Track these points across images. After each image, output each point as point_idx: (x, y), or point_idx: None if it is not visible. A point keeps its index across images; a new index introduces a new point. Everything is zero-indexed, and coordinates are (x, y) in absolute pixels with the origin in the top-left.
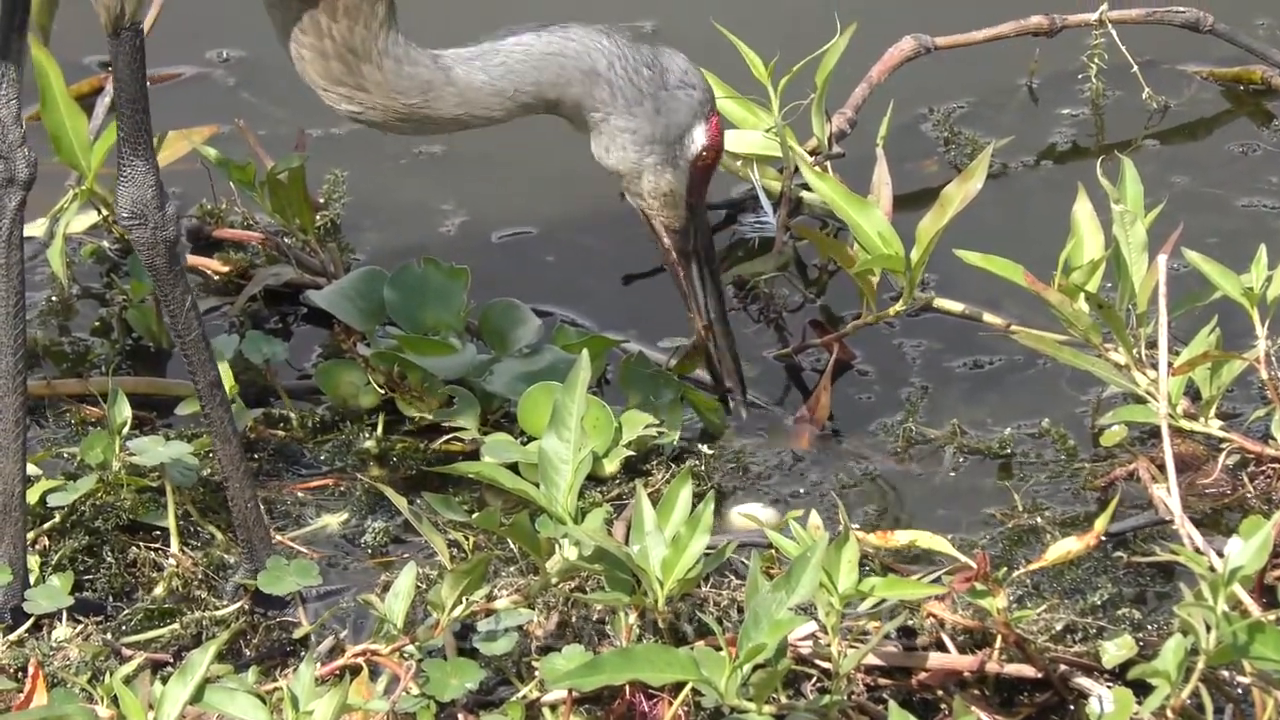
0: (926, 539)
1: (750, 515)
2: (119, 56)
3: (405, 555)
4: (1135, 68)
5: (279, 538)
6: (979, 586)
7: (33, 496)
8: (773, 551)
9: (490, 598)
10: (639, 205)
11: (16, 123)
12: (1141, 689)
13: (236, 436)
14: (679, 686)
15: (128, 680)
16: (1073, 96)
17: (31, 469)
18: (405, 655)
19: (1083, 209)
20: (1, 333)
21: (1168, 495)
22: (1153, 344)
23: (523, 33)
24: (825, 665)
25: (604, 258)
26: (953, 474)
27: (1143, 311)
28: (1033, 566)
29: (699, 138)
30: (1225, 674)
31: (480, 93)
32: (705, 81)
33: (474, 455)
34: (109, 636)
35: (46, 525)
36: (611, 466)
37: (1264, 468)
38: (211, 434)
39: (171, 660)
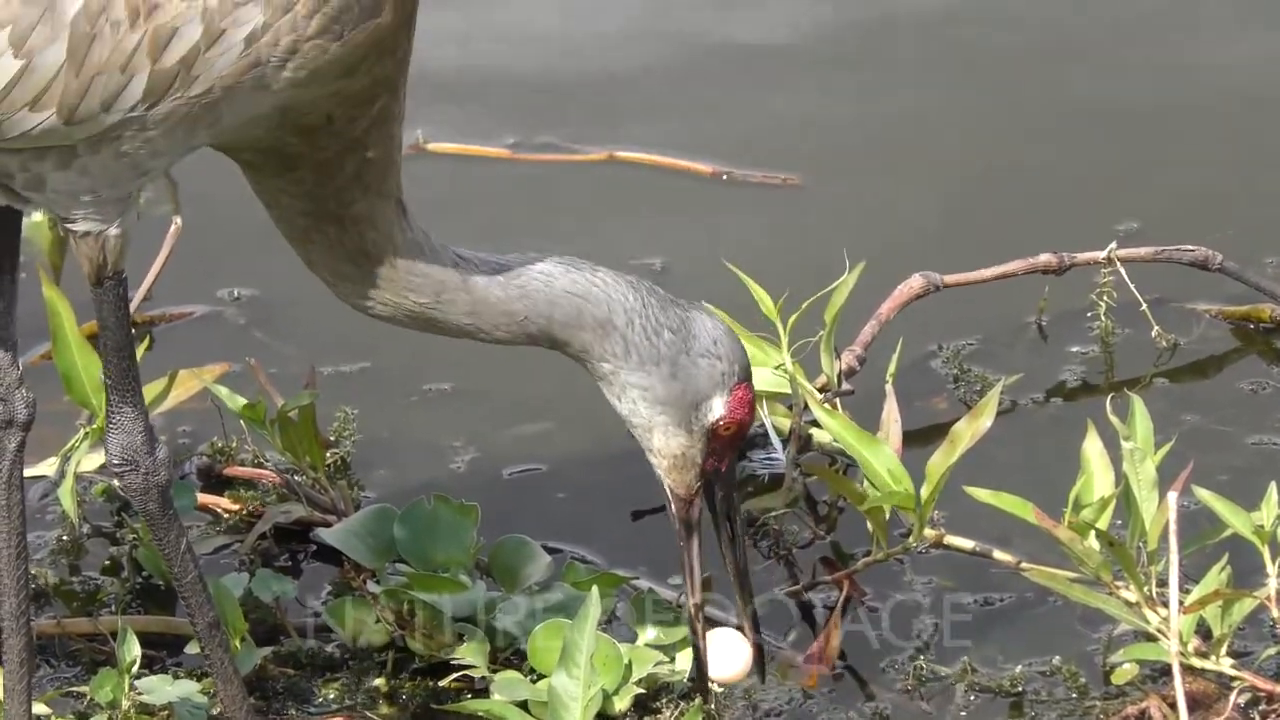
0: None
1: None
2: (103, 305)
3: None
4: (1144, 306)
5: None
6: None
7: None
8: None
9: None
10: (651, 461)
11: (13, 364)
12: None
13: (238, 676)
14: None
15: None
16: (1082, 334)
17: (41, 708)
18: None
19: (1092, 446)
20: (4, 574)
21: None
22: (1163, 582)
23: (551, 261)
24: None
25: (613, 494)
26: (964, 713)
27: (1153, 549)
28: None
29: (717, 408)
30: None
31: (492, 308)
32: (737, 353)
33: (484, 693)
34: None
35: None
36: (621, 704)
37: (1276, 706)
38: (213, 674)
39: None
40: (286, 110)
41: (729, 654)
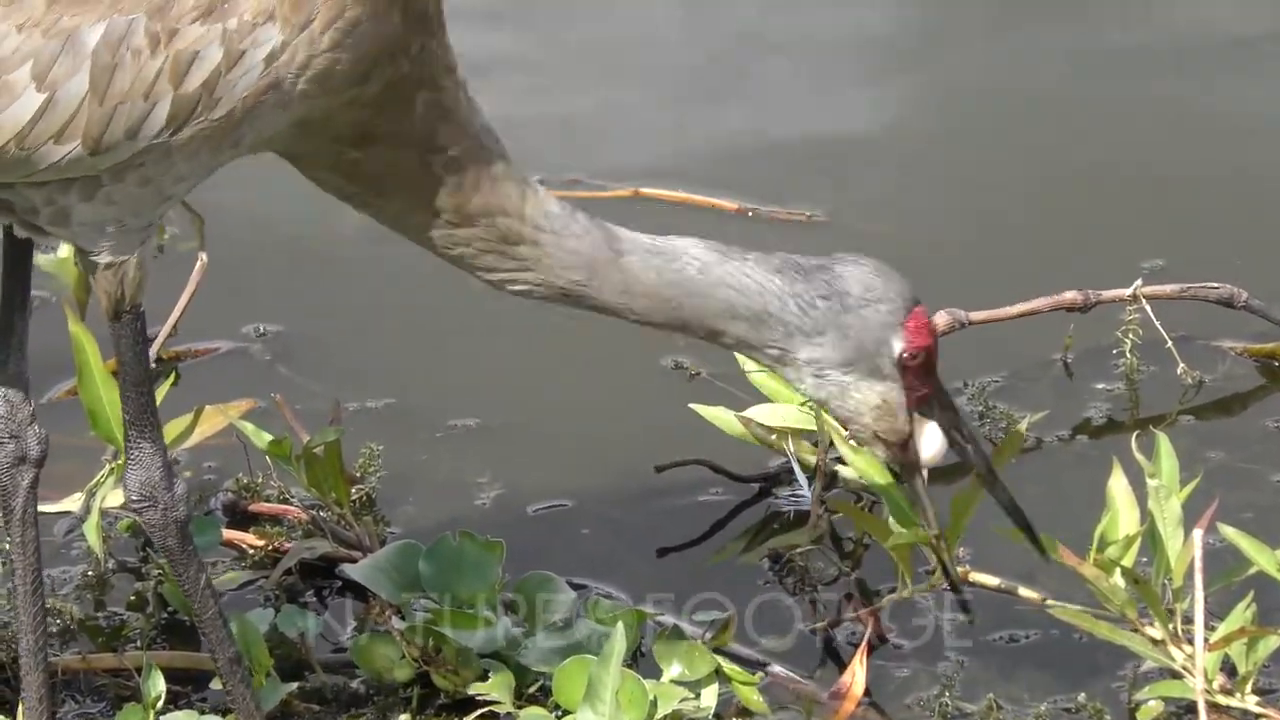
0: None
1: None
2: (121, 340)
3: None
4: (1169, 343)
5: None
6: None
7: None
8: None
9: None
10: (854, 429)
11: (26, 401)
12: None
13: (261, 712)
14: None
15: None
16: (1107, 371)
17: None
18: None
19: (1118, 483)
20: (22, 611)
21: None
22: (1189, 619)
23: (703, 247)
24: None
25: (639, 530)
26: None
27: (1178, 586)
28: None
29: (897, 345)
30: None
31: (644, 291)
32: (894, 287)
33: None
34: None
35: None
36: None
37: None
38: (236, 710)
39: None
40: (305, 124)
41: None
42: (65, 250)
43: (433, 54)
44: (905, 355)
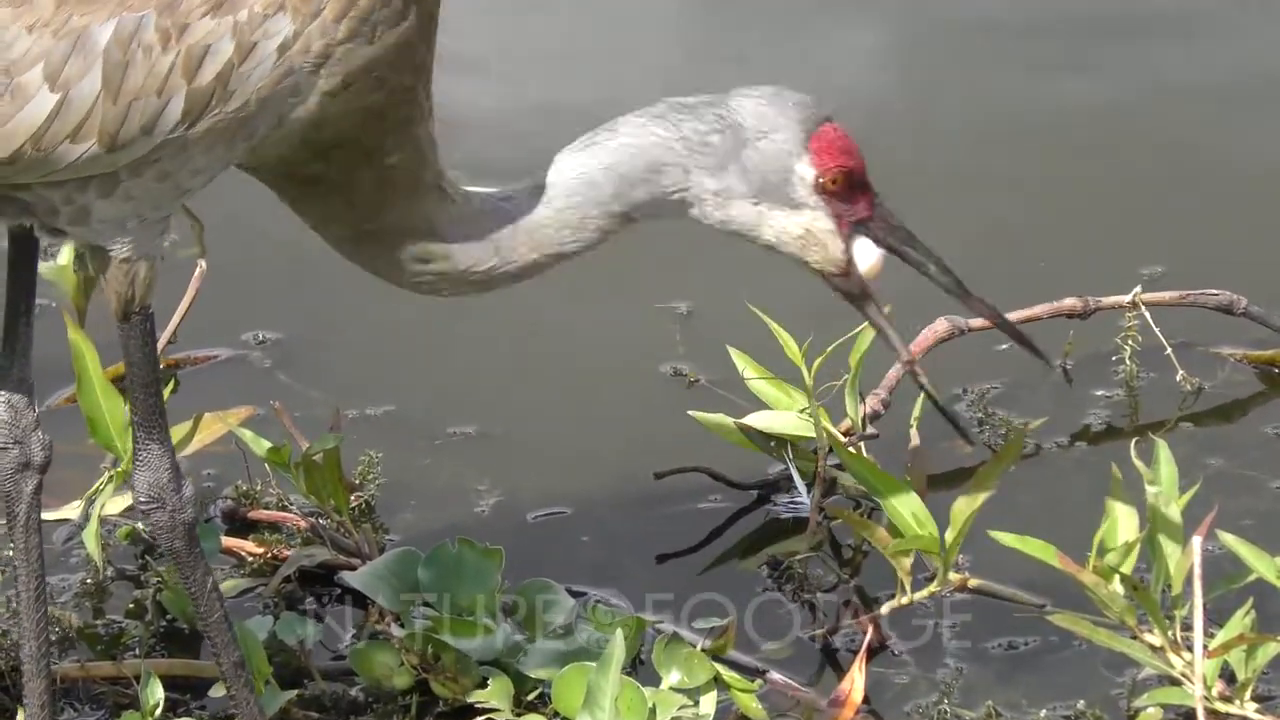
0: None
1: None
2: (130, 341)
3: None
4: (1169, 350)
5: None
6: None
7: None
8: None
9: None
10: (795, 262)
11: (30, 407)
12: None
13: (263, 716)
14: None
15: None
16: (1106, 378)
17: None
18: None
19: (1117, 490)
20: (24, 618)
21: None
22: (1188, 626)
23: (569, 154)
24: None
25: (637, 538)
26: None
27: (1178, 593)
28: None
29: (806, 171)
30: None
31: (549, 233)
32: (792, 113)
33: None
34: None
35: None
36: None
37: None
38: (238, 714)
39: None
40: (322, 125)
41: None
42: (65, 257)
43: (426, 66)
44: (821, 180)
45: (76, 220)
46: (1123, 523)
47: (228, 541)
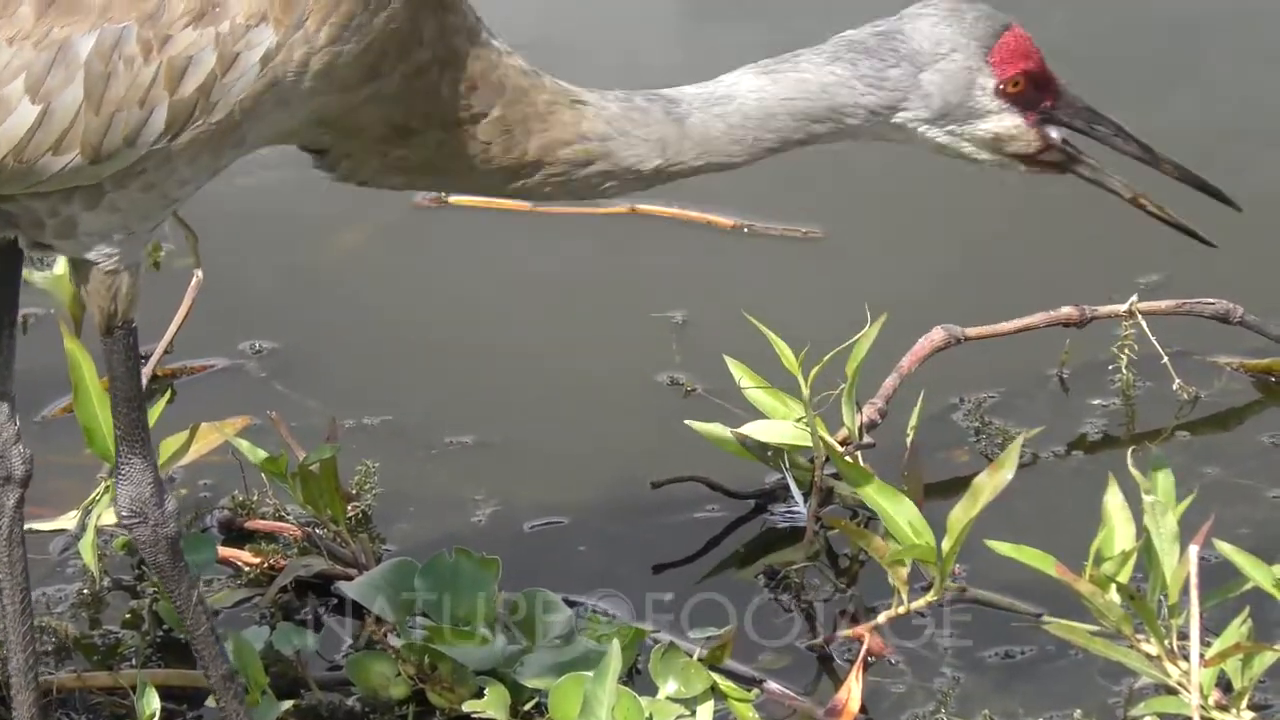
0: None
1: None
2: (113, 355)
3: None
4: (1165, 359)
5: None
6: None
7: None
8: None
9: None
10: (998, 166)
11: (10, 420)
12: None
13: None
14: None
15: None
16: (1103, 387)
17: None
18: None
19: (1114, 499)
20: (10, 631)
21: None
22: (1184, 635)
23: (752, 74)
24: None
25: (635, 547)
26: None
27: (1174, 602)
28: None
29: (987, 82)
30: None
31: (718, 142)
32: (967, 28)
33: None
34: None
35: None
36: None
37: None
38: None
39: None
40: (328, 123)
41: None
42: (60, 267)
43: (451, 28)
44: (1003, 87)
45: (63, 233)
46: (1119, 531)
47: (224, 551)
